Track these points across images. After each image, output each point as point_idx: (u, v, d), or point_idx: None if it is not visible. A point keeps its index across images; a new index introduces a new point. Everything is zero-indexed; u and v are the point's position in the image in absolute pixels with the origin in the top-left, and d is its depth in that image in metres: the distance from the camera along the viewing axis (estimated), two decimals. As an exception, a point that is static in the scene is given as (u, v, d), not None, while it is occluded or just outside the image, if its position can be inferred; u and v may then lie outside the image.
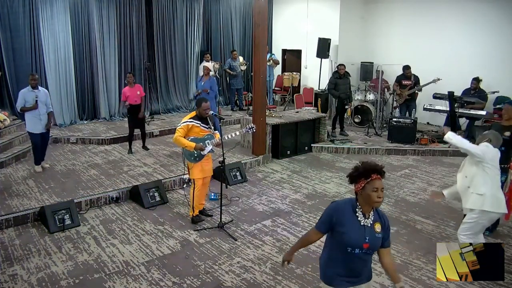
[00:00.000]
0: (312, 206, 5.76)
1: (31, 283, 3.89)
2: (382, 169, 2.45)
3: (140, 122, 7.78)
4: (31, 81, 6.33)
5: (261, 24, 7.30)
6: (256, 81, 7.53)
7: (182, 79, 11.27)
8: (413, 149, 8.35)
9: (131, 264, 4.25)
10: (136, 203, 5.76)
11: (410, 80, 9.27)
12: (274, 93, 12.39)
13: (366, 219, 2.48)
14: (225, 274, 4.10)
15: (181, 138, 4.81)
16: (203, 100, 4.93)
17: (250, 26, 12.29)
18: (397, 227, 5.11)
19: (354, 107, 10.06)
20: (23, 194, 5.75)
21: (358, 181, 2.46)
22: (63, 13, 9.06)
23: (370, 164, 2.45)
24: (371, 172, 2.41)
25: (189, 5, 11.11)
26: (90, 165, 7.07)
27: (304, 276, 4.07)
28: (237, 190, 6.33)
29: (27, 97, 6.28)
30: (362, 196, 2.45)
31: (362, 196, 2.45)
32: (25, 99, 6.27)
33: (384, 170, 2.48)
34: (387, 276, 3.70)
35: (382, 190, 2.42)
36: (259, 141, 7.56)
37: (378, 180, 2.41)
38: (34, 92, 6.32)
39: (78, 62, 9.48)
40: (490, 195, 3.82)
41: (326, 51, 10.73)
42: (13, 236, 4.77)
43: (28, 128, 6.48)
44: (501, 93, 8.72)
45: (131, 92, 7.44)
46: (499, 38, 9.06)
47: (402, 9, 10.72)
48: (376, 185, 2.39)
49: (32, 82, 6.31)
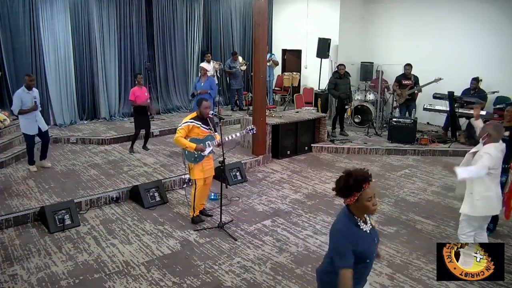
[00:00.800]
0: (312, 206, 5.76)
1: (31, 283, 3.89)
2: (370, 175, 2.33)
3: (147, 122, 7.79)
4: (30, 82, 6.23)
5: (261, 24, 7.30)
6: (256, 81, 7.53)
7: (182, 79, 11.27)
8: (413, 149, 8.35)
9: (131, 264, 4.24)
10: (136, 203, 5.76)
11: (410, 80, 9.27)
12: (274, 93, 12.39)
13: (367, 224, 2.41)
14: (225, 274, 4.10)
15: (181, 139, 4.81)
16: (203, 99, 4.94)
17: (250, 26, 12.29)
18: (397, 227, 5.11)
19: (354, 107, 10.06)
20: (23, 194, 5.75)
21: (350, 194, 2.31)
22: (63, 13, 9.06)
23: (360, 174, 2.29)
24: (363, 183, 2.27)
25: (189, 5, 11.12)
26: (90, 165, 7.07)
27: (304, 276, 4.07)
28: (237, 190, 6.33)
29: (24, 99, 6.20)
30: (356, 207, 2.34)
31: (356, 207, 2.34)
32: (22, 101, 6.18)
33: (371, 173, 2.36)
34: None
35: (375, 196, 2.33)
36: (259, 141, 7.56)
37: (369, 188, 2.29)
38: (30, 93, 6.26)
39: (78, 62, 9.48)
40: (484, 198, 3.83)
41: (326, 51, 10.73)
42: (13, 236, 4.77)
43: (23, 129, 6.43)
44: (501, 93, 8.73)
45: (140, 92, 7.45)
46: (499, 38, 9.06)
47: (402, 9, 10.72)
48: (369, 194, 2.28)
49: (31, 83, 6.25)
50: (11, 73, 8.57)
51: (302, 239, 4.81)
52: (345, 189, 2.31)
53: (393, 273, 4.09)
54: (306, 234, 4.93)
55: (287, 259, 4.37)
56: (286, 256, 4.44)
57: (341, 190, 2.34)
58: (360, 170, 2.32)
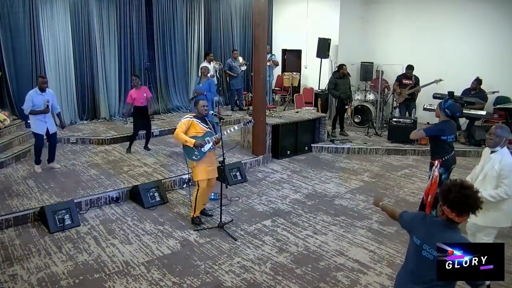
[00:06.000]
0: (312, 206, 5.76)
1: (31, 283, 3.89)
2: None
3: (147, 123, 7.78)
4: (42, 84, 6.21)
5: (261, 24, 7.30)
6: (256, 81, 7.53)
7: (182, 79, 11.27)
8: (413, 149, 8.35)
9: (131, 264, 4.24)
10: (136, 203, 5.76)
11: (410, 80, 9.27)
12: (274, 93, 12.40)
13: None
14: (225, 274, 4.10)
15: (181, 134, 4.82)
16: (200, 99, 5.05)
17: (250, 26, 12.28)
18: (397, 227, 5.08)
19: (354, 107, 10.07)
20: (23, 194, 5.75)
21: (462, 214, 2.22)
22: (63, 13, 9.06)
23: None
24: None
25: (189, 5, 11.12)
26: (90, 165, 7.07)
27: (304, 276, 4.07)
28: (237, 190, 6.33)
29: (36, 101, 6.19)
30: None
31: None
32: (33, 102, 6.18)
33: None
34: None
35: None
36: (259, 141, 7.56)
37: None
38: (42, 95, 6.25)
39: (78, 62, 9.47)
40: (507, 210, 3.62)
41: (326, 51, 10.73)
42: (13, 236, 4.77)
43: (32, 128, 6.46)
44: (501, 93, 8.73)
45: (137, 94, 7.42)
46: (499, 38, 9.06)
47: (402, 9, 10.72)
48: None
49: (43, 85, 6.22)
50: (11, 73, 8.55)
51: (302, 239, 4.81)
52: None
53: (393, 273, 4.09)
54: (306, 234, 4.93)
55: (287, 259, 4.37)
56: (286, 256, 4.44)
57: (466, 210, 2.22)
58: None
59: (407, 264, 2.49)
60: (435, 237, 2.23)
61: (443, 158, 4.72)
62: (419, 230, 2.39)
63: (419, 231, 2.38)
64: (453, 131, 4.85)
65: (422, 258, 2.30)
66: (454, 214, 2.20)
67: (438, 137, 4.74)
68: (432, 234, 2.28)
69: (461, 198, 2.17)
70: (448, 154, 4.75)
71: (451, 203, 2.20)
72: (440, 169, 4.72)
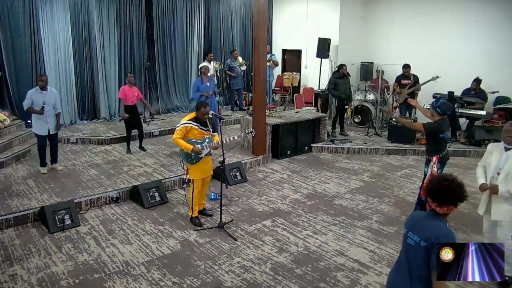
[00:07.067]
0: (312, 206, 5.76)
1: (31, 283, 3.89)
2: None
3: (138, 122, 7.77)
4: (39, 82, 6.22)
5: (261, 24, 7.30)
6: (256, 81, 7.53)
7: (182, 79, 11.27)
8: (413, 149, 8.35)
9: (131, 264, 4.25)
10: (136, 203, 5.76)
11: (409, 79, 9.28)
12: (274, 93, 12.39)
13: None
14: (225, 274, 4.10)
15: (179, 140, 4.80)
16: (203, 105, 4.87)
17: (250, 26, 12.29)
18: (397, 227, 5.11)
19: (354, 107, 10.07)
20: (23, 194, 5.75)
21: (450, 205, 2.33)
22: (63, 13, 9.06)
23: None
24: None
25: (189, 5, 11.12)
26: (90, 165, 7.07)
27: (304, 276, 4.07)
28: (237, 190, 6.33)
29: (35, 99, 6.19)
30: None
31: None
32: (33, 100, 6.18)
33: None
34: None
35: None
36: (259, 141, 7.56)
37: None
38: (42, 93, 6.24)
39: (78, 62, 9.48)
40: None
41: (326, 51, 10.73)
42: (13, 236, 4.77)
43: (34, 129, 6.45)
44: (501, 93, 8.73)
45: (129, 92, 7.44)
46: (499, 38, 9.06)
47: (402, 9, 10.71)
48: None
49: (40, 83, 6.22)
50: (11, 73, 8.56)
51: (302, 239, 4.81)
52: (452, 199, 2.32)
53: (393, 273, 4.09)
54: (306, 234, 4.93)
55: (287, 259, 4.37)
56: (286, 256, 4.44)
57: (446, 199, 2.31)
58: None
59: (398, 257, 2.61)
60: (419, 225, 2.38)
61: (440, 154, 4.97)
62: (408, 222, 2.54)
63: (408, 222, 2.53)
64: (448, 129, 5.15)
65: (407, 245, 2.42)
66: (435, 205, 2.33)
67: (437, 134, 4.94)
68: (417, 222, 2.42)
69: (439, 189, 2.30)
70: (444, 151, 5.02)
71: (432, 194, 2.34)
72: (437, 165, 4.95)
